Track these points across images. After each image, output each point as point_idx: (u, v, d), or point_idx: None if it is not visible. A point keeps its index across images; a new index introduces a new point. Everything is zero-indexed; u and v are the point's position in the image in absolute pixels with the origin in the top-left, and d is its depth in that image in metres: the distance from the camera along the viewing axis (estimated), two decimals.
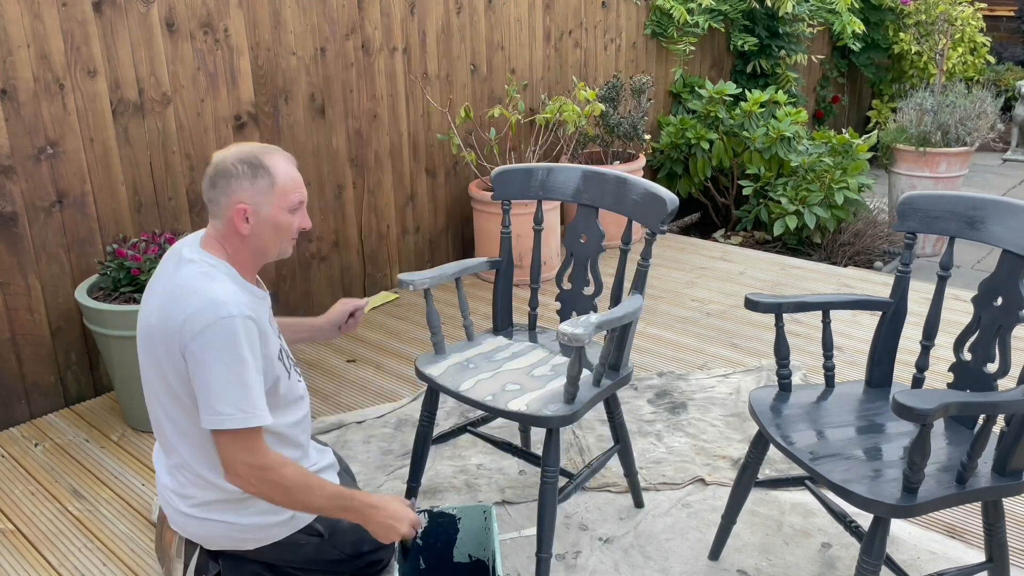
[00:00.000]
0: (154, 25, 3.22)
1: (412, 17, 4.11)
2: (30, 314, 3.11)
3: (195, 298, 1.72)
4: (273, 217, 1.80)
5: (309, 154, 3.83)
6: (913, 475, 1.70)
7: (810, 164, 5.11)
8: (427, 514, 2.16)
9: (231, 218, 1.79)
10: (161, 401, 1.82)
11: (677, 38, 5.57)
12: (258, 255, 1.85)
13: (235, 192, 1.77)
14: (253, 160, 1.78)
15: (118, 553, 2.44)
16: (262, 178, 1.78)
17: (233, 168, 1.78)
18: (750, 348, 3.60)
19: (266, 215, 1.79)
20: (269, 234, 1.82)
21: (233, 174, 1.77)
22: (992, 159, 7.77)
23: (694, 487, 2.64)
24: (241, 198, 1.77)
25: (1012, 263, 1.94)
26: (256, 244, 1.83)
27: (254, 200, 1.78)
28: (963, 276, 4.88)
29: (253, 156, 1.79)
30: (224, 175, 1.78)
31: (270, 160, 1.80)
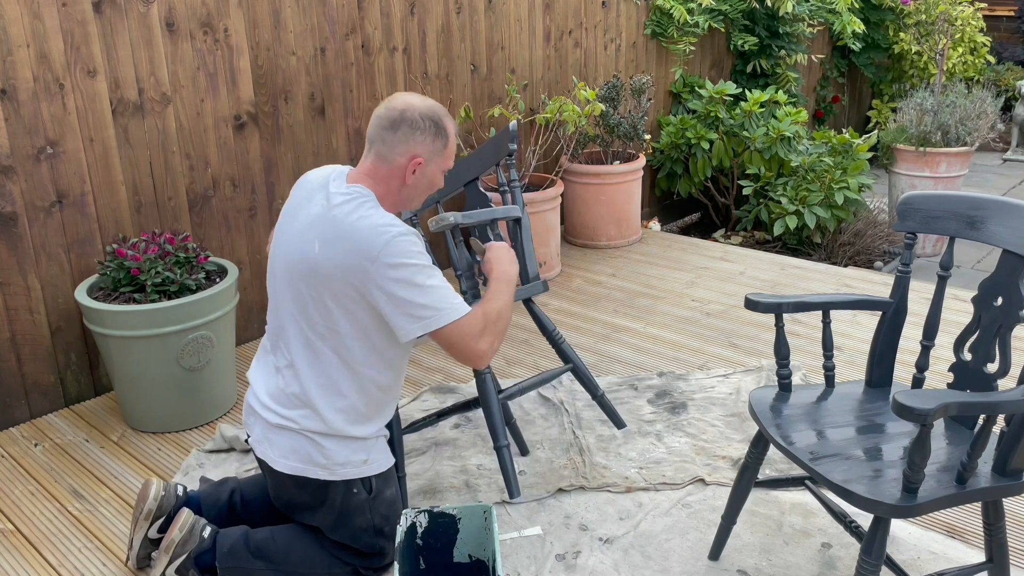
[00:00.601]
0: (154, 25, 3.22)
1: (412, 17, 4.11)
2: (30, 314, 3.11)
3: (364, 228, 1.88)
4: (432, 173, 2.03)
5: (309, 154, 3.83)
6: (913, 475, 1.70)
7: (810, 164, 5.11)
8: (427, 514, 2.16)
9: (402, 165, 1.97)
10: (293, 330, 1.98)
11: (677, 38, 5.57)
12: (404, 202, 2.09)
13: (417, 144, 1.96)
14: (438, 120, 1.98)
15: (118, 553, 2.44)
16: (441, 139, 1.99)
17: (421, 122, 1.96)
18: (750, 348, 3.60)
19: (430, 171, 2.02)
20: (423, 187, 2.04)
21: (420, 127, 1.96)
22: (992, 159, 7.77)
23: (694, 487, 2.64)
24: (420, 152, 1.97)
25: (1012, 263, 1.94)
26: (409, 193, 2.03)
27: (429, 156, 1.99)
28: (963, 276, 4.88)
29: (437, 116, 1.99)
30: (411, 125, 1.95)
31: (447, 124, 2.01)
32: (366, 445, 2.09)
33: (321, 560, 2.12)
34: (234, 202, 3.61)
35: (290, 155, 3.76)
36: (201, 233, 3.52)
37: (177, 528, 2.08)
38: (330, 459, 2.04)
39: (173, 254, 3.03)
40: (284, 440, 2.04)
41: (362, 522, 2.12)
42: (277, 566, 2.10)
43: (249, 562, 2.09)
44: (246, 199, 3.65)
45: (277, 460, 2.05)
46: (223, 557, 2.09)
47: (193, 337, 2.93)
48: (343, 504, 2.09)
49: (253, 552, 2.10)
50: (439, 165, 2.04)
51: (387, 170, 1.98)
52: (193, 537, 2.09)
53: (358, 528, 2.12)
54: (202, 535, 2.11)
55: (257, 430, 2.10)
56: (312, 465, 2.04)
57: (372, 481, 2.11)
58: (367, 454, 2.08)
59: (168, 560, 2.07)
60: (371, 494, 2.11)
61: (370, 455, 2.09)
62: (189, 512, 2.12)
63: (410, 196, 2.05)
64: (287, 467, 2.04)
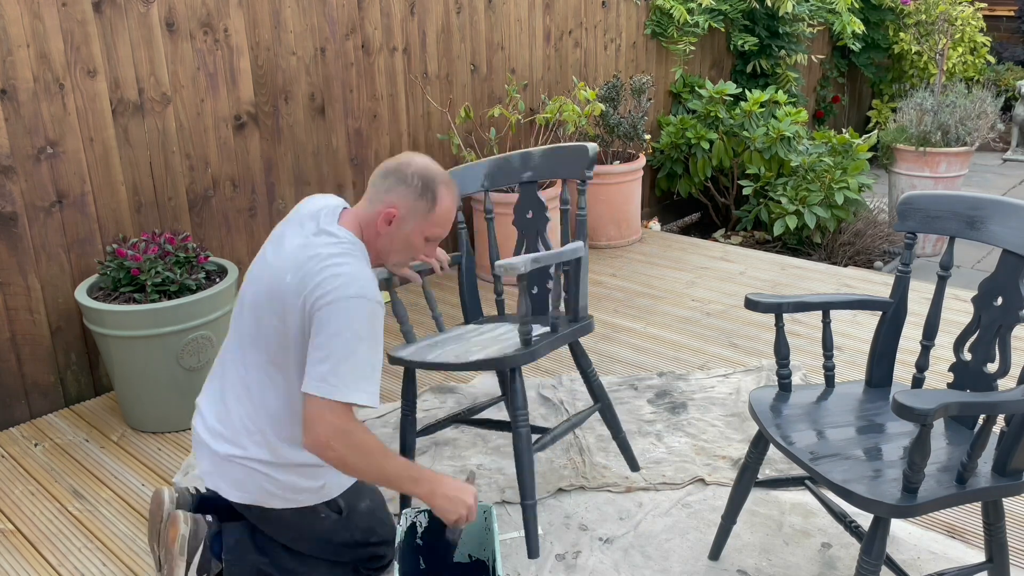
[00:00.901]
0: (154, 25, 3.22)
1: (412, 17, 4.11)
2: (30, 314, 3.11)
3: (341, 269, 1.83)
4: (410, 234, 1.97)
5: (309, 154, 3.83)
6: (913, 475, 1.70)
7: (810, 164, 5.11)
8: (427, 514, 2.16)
9: (379, 212, 1.94)
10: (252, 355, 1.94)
11: (677, 38, 5.57)
12: (380, 255, 2.01)
13: (398, 196, 1.94)
14: (429, 182, 1.95)
15: (118, 553, 2.44)
16: (426, 200, 1.95)
17: (410, 178, 1.94)
18: (750, 348, 3.60)
19: (406, 229, 1.96)
20: (398, 244, 1.98)
21: (407, 182, 1.94)
22: (992, 159, 7.77)
23: (694, 487, 2.64)
24: (397, 204, 1.93)
25: (1012, 263, 1.94)
26: (383, 245, 1.98)
27: (407, 212, 1.94)
28: (963, 276, 4.88)
29: (431, 179, 1.95)
30: (399, 178, 1.94)
31: (441, 191, 1.97)
32: (319, 471, 1.99)
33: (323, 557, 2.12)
34: (234, 202, 3.61)
35: (290, 155, 3.76)
36: (201, 233, 3.52)
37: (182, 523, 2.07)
38: (283, 488, 1.96)
39: (173, 254, 3.03)
40: (234, 473, 1.97)
41: (343, 539, 2.06)
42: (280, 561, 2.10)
43: (255, 556, 2.08)
44: (246, 199, 3.65)
45: (229, 491, 1.99)
46: (229, 549, 2.08)
47: (193, 337, 2.93)
48: (314, 529, 2.03)
49: (258, 547, 2.09)
50: (420, 227, 1.97)
51: (368, 216, 1.97)
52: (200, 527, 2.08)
53: (341, 545, 2.07)
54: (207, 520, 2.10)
55: (205, 463, 2.02)
56: (266, 495, 1.97)
57: (338, 502, 2.04)
58: (322, 479, 1.99)
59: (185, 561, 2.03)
60: (342, 514, 2.04)
61: (326, 480, 2.00)
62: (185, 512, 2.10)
63: (385, 249, 1.99)
64: (240, 497, 1.98)
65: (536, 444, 2.28)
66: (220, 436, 1.98)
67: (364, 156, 4.06)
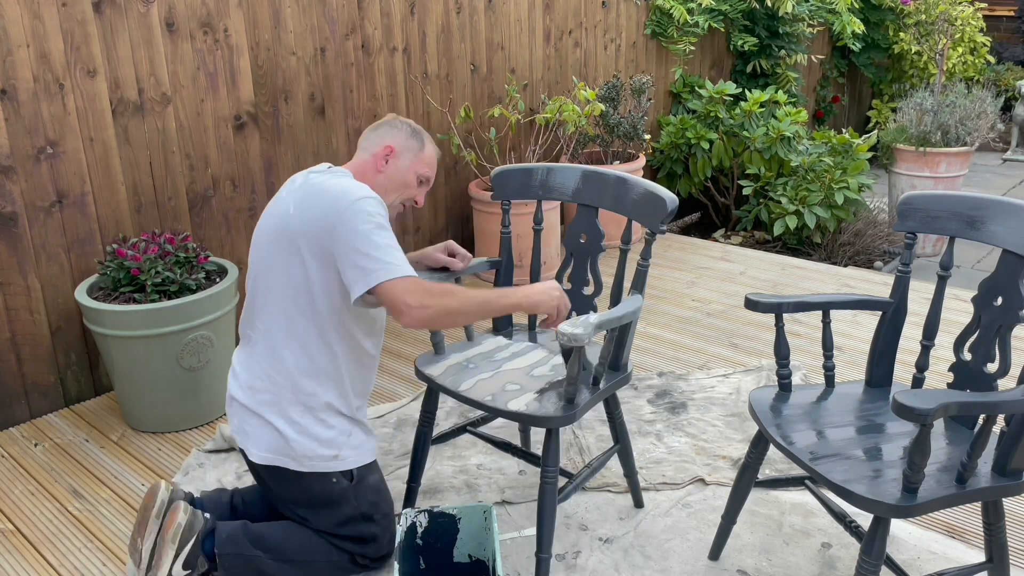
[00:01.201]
0: (154, 25, 3.22)
1: (412, 17, 4.11)
2: (30, 314, 3.11)
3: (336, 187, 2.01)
4: (405, 171, 2.18)
5: (309, 154, 3.83)
6: (913, 475, 1.70)
7: (810, 164, 5.11)
8: (427, 514, 2.16)
9: (377, 153, 2.16)
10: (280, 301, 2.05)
11: (677, 38, 5.57)
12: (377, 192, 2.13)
13: (392, 137, 2.17)
14: (416, 127, 2.21)
15: (118, 553, 2.44)
16: (415, 140, 2.19)
17: (399, 123, 2.19)
18: (750, 348, 3.60)
19: (403, 165, 2.17)
20: (395, 182, 2.17)
21: (397, 127, 2.19)
22: (992, 159, 7.77)
23: (694, 487, 2.64)
24: (394, 143, 2.16)
25: (1012, 263, 1.94)
26: (383, 183, 2.16)
27: (402, 148, 2.17)
28: (963, 276, 4.88)
29: (417, 126, 2.22)
30: (390, 125, 2.19)
31: (426, 136, 2.22)
32: (334, 440, 2.11)
33: (319, 548, 2.14)
34: (234, 202, 3.61)
35: (290, 155, 3.76)
36: (201, 233, 3.52)
37: (180, 512, 2.07)
38: (298, 452, 2.08)
39: (173, 254, 3.03)
40: (257, 431, 2.10)
41: (348, 509, 2.14)
42: (275, 554, 2.10)
43: (248, 550, 2.09)
44: (246, 199, 3.65)
45: (252, 451, 2.11)
46: (222, 543, 2.09)
47: (193, 337, 2.93)
48: (323, 493, 2.12)
49: (252, 540, 2.10)
50: (414, 165, 2.19)
51: (365, 161, 2.17)
52: (197, 520, 2.09)
53: (344, 516, 2.14)
54: (204, 516, 2.12)
55: (235, 420, 2.15)
56: (284, 456, 2.09)
57: (351, 470, 2.14)
58: (336, 450, 2.11)
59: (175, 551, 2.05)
60: (352, 481, 2.14)
61: (340, 451, 2.12)
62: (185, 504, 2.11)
63: (383, 187, 2.16)
64: (261, 458, 2.10)
65: (560, 495, 2.21)
66: (247, 388, 2.11)
67: None
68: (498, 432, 2.94)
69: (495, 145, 4.47)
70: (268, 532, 2.14)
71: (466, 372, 2.29)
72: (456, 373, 2.29)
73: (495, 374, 2.28)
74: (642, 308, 2.20)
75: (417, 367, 2.33)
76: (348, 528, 2.15)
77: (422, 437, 2.42)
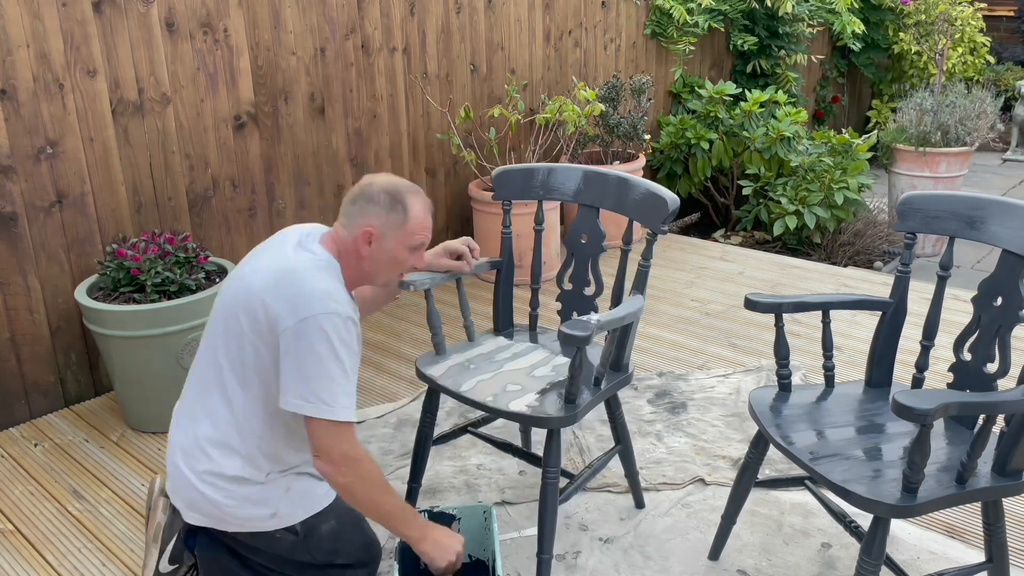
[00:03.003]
0: (154, 25, 3.22)
1: (412, 17, 4.11)
2: (30, 314, 3.11)
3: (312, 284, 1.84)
4: (393, 249, 1.97)
5: (309, 154, 3.83)
6: (913, 475, 1.70)
7: (810, 164, 5.11)
8: (427, 514, 2.16)
9: (358, 237, 1.94)
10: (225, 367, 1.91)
11: (677, 38, 5.57)
12: (365, 277, 2.01)
13: (370, 216, 1.94)
14: (396, 194, 1.95)
15: (118, 553, 2.44)
16: (396, 213, 1.95)
17: (376, 196, 1.95)
18: (750, 348, 3.60)
19: (388, 246, 1.96)
20: (383, 263, 1.98)
21: (374, 201, 1.94)
22: (992, 159, 7.77)
23: (694, 487, 2.64)
24: (371, 223, 1.93)
25: (1012, 263, 1.94)
26: (369, 268, 1.98)
27: (383, 228, 1.94)
28: (963, 276, 4.88)
29: (396, 191, 1.96)
30: (366, 199, 1.95)
31: (410, 200, 1.97)
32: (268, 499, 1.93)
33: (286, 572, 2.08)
34: (234, 202, 3.61)
35: (290, 155, 3.76)
36: (201, 233, 3.52)
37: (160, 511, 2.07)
38: (230, 515, 1.92)
39: (173, 254, 3.03)
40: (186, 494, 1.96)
41: (304, 559, 1.99)
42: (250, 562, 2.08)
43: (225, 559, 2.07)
44: (246, 199, 3.65)
45: (186, 513, 1.98)
46: (202, 547, 2.07)
47: (193, 337, 2.93)
48: (270, 549, 1.97)
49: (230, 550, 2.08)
50: (399, 240, 1.97)
51: (345, 243, 1.97)
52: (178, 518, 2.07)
53: (305, 565, 2.01)
54: None
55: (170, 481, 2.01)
56: (214, 519, 1.94)
57: (294, 526, 1.96)
58: (272, 508, 1.93)
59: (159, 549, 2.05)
60: (299, 535, 1.96)
61: (277, 509, 1.93)
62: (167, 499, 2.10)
63: (373, 272, 2.00)
64: (195, 519, 1.97)
65: (561, 496, 2.20)
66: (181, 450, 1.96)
67: (364, 156, 4.06)
68: (498, 432, 2.94)
69: (495, 145, 4.47)
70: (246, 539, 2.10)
71: (467, 373, 2.29)
72: (457, 374, 2.29)
73: (496, 374, 2.28)
74: (643, 308, 2.20)
75: (418, 368, 2.33)
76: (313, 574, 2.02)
77: (423, 437, 2.42)
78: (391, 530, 1.94)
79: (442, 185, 4.49)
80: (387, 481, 1.91)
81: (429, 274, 2.34)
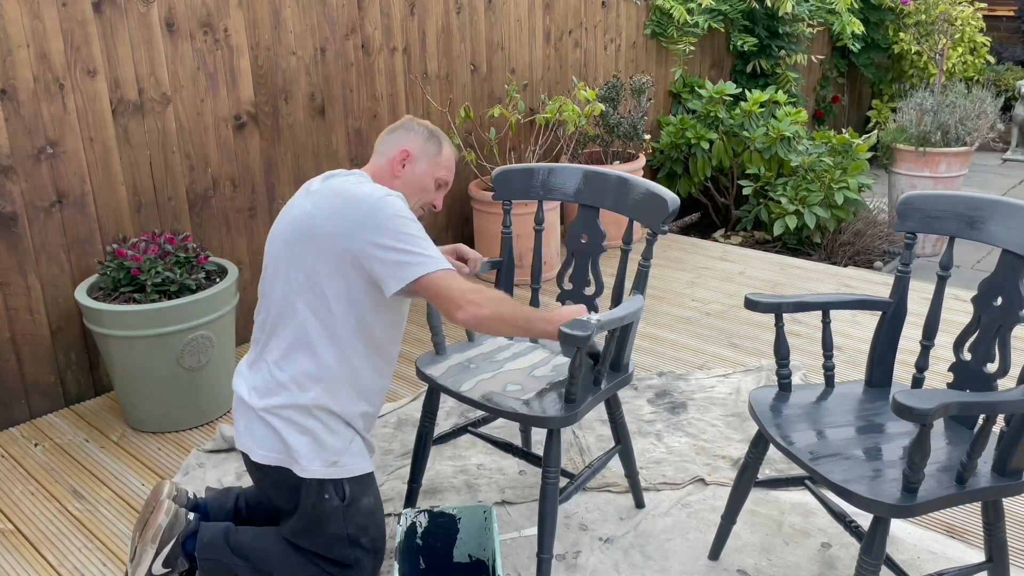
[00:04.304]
0: (154, 25, 3.22)
1: (412, 17, 4.11)
2: (30, 314, 3.11)
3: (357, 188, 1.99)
4: (423, 175, 2.15)
5: (309, 154, 3.83)
6: (913, 475, 1.70)
7: (810, 164, 5.11)
8: (427, 514, 2.16)
9: (394, 158, 2.13)
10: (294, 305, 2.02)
11: (677, 38, 5.57)
12: None
13: (409, 141, 2.14)
14: (434, 130, 2.18)
15: (118, 553, 2.44)
16: (433, 143, 2.16)
17: (416, 126, 2.16)
18: (750, 348, 3.60)
19: (420, 170, 2.15)
20: (413, 187, 2.15)
21: (414, 130, 2.16)
22: (992, 159, 7.77)
23: (694, 487, 2.64)
24: (410, 146, 2.14)
25: (1012, 263, 1.94)
26: (400, 188, 2.13)
27: (419, 152, 2.14)
28: (963, 276, 4.88)
29: (434, 128, 2.19)
30: (406, 128, 2.16)
31: (444, 139, 2.19)
32: (335, 447, 2.06)
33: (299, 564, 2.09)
34: (234, 202, 3.62)
35: (290, 155, 3.77)
36: (201, 233, 3.52)
37: (163, 513, 2.08)
38: (299, 455, 2.03)
39: (173, 254, 3.03)
40: (261, 432, 2.06)
41: (335, 529, 2.07)
42: (254, 565, 2.09)
43: (228, 557, 2.08)
44: (246, 199, 3.65)
45: (255, 451, 2.07)
46: (203, 548, 2.09)
47: (193, 337, 2.93)
48: (314, 509, 2.06)
49: (232, 548, 2.09)
50: (431, 169, 2.16)
51: (382, 165, 2.15)
52: (179, 521, 2.09)
53: (331, 536, 2.07)
54: (187, 518, 2.11)
55: (241, 423, 2.11)
56: (285, 457, 2.05)
57: (345, 486, 2.07)
58: (336, 456, 2.06)
59: (155, 551, 2.06)
60: (344, 501, 2.06)
61: (340, 458, 2.06)
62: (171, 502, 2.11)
63: (401, 192, 2.11)
64: (263, 458, 2.06)
65: (561, 496, 2.20)
66: (256, 391, 2.07)
67: (364, 156, 4.06)
68: (498, 432, 2.94)
69: (495, 145, 4.47)
70: (250, 543, 2.11)
71: (467, 372, 2.29)
72: (457, 373, 2.29)
73: (496, 374, 2.28)
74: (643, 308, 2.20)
75: (418, 367, 2.33)
76: (333, 551, 2.08)
77: (423, 437, 2.42)
78: (535, 335, 1.99)
79: None
80: (509, 297, 2.01)
81: None
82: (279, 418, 2.05)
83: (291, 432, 2.04)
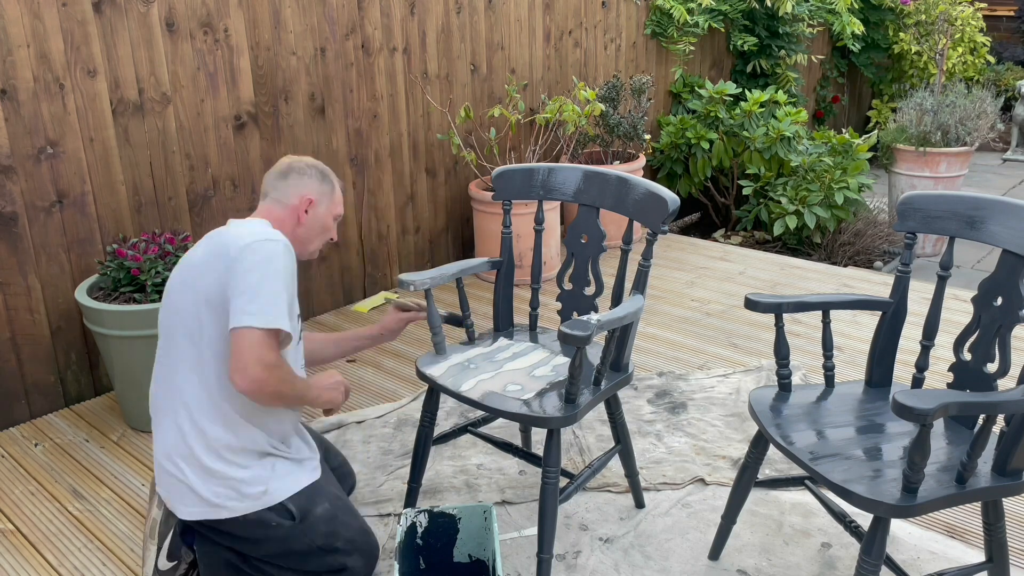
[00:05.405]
0: (154, 25, 3.22)
1: (412, 17, 4.11)
2: (30, 314, 3.11)
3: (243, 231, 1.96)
4: (324, 216, 2.17)
5: (309, 154, 3.83)
6: (913, 475, 1.70)
7: (810, 164, 5.11)
8: (427, 514, 2.16)
9: (295, 206, 2.11)
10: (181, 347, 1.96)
11: (677, 38, 5.57)
12: (299, 245, 2.16)
13: (307, 187, 2.13)
14: (323, 169, 2.19)
15: (118, 553, 2.44)
16: (327, 184, 2.17)
17: (307, 169, 2.15)
18: (750, 348, 3.60)
19: (321, 212, 2.16)
20: (316, 230, 2.16)
21: (308, 174, 2.15)
22: (992, 159, 7.78)
23: (694, 487, 2.64)
24: (309, 192, 2.13)
25: (1012, 263, 1.94)
26: (304, 235, 2.14)
27: (319, 196, 2.15)
28: (963, 276, 4.88)
29: (322, 167, 2.19)
30: (299, 172, 2.14)
31: (331, 175, 2.21)
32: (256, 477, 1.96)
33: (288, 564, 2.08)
34: (234, 202, 3.61)
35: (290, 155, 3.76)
36: (201, 233, 3.52)
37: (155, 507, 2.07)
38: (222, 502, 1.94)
39: (173, 254, 3.03)
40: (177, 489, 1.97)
41: (301, 547, 1.99)
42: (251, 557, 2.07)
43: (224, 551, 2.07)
44: (246, 199, 3.65)
45: (179, 510, 1.99)
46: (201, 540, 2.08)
47: None
48: (269, 539, 1.98)
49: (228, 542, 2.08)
50: (330, 208, 2.18)
51: (281, 212, 2.11)
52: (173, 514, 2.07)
53: (303, 554, 2.01)
54: None
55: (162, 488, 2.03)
56: (209, 508, 1.95)
57: (288, 506, 1.98)
58: (262, 485, 1.96)
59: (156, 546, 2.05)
60: (295, 519, 1.98)
61: (267, 485, 1.96)
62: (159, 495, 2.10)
63: (306, 238, 2.14)
64: (189, 515, 1.98)
65: (561, 496, 2.19)
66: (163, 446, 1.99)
67: (364, 156, 4.06)
68: (498, 432, 2.94)
69: (495, 145, 4.47)
70: None
71: (467, 372, 2.29)
72: (457, 373, 2.29)
73: (496, 374, 2.28)
74: (643, 308, 2.20)
75: (418, 367, 2.33)
76: (314, 564, 2.03)
77: (423, 437, 2.42)
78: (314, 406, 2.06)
79: (442, 185, 4.49)
80: (295, 377, 1.97)
81: (429, 274, 2.35)
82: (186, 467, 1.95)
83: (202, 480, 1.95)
